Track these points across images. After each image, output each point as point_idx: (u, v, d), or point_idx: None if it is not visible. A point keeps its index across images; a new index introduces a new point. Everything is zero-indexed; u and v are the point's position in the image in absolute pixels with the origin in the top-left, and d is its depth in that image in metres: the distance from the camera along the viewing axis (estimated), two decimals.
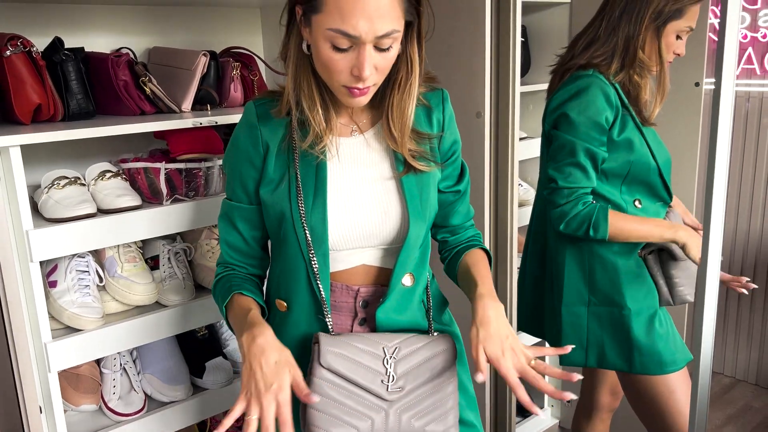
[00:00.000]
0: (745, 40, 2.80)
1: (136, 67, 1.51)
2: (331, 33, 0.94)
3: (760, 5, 2.74)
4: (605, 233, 1.52)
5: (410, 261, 1.10)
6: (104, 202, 1.43)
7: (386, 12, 0.93)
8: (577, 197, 1.53)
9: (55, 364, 1.33)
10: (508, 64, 1.80)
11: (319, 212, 1.05)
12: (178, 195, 1.51)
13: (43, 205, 1.40)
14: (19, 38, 1.34)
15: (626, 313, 1.60)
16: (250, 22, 1.92)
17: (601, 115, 1.51)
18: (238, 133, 1.11)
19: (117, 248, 1.50)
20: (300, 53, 1.02)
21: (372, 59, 0.95)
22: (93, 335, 1.39)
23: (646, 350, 1.60)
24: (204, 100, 1.60)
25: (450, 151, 1.17)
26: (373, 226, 1.08)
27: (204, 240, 1.64)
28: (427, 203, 1.11)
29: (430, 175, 1.12)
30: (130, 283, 1.48)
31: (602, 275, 1.62)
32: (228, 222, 1.15)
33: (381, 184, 1.09)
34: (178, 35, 1.78)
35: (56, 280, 1.43)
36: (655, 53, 1.56)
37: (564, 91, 1.57)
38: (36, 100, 1.36)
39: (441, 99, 1.15)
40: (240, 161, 1.11)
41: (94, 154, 1.61)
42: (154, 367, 1.57)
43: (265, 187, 1.09)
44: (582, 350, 1.66)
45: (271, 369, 0.94)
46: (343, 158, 1.09)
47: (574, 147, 1.52)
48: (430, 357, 1.07)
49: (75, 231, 1.34)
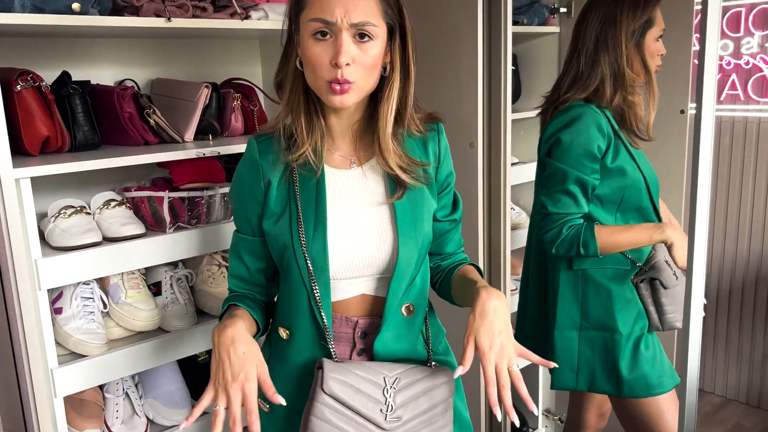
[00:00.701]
0: (729, 66, 2.88)
1: (140, 99, 1.56)
2: (311, 24, 1.01)
3: (742, 33, 2.82)
4: (596, 249, 1.57)
5: (405, 289, 1.13)
6: (109, 230, 1.47)
7: (361, 4, 1.00)
8: (564, 222, 1.58)
9: (61, 390, 1.36)
10: (499, 94, 1.86)
11: (320, 242, 1.09)
12: (181, 223, 1.55)
13: (50, 233, 1.44)
14: (29, 73, 1.39)
15: (617, 337, 1.64)
16: (250, 53, 1.98)
17: (593, 143, 1.57)
18: (241, 169, 1.16)
19: (121, 275, 1.54)
20: (295, 70, 1.08)
21: (349, 49, 1.01)
22: (98, 361, 1.42)
23: (634, 374, 1.64)
24: (206, 131, 1.65)
25: (445, 183, 1.21)
26: (371, 254, 1.12)
27: (205, 266, 1.68)
28: (420, 228, 1.14)
29: (423, 202, 1.15)
30: (133, 309, 1.51)
31: (595, 300, 1.66)
32: (235, 253, 1.20)
33: (377, 212, 1.13)
34: (180, 67, 1.83)
35: (62, 306, 1.46)
36: (641, 66, 1.63)
37: (558, 121, 1.63)
38: (45, 133, 1.41)
39: (437, 131, 1.19)
40: (243, 195, 1.15)
41: (100, 183, 1.65)
42: (156, 392, 1.60)
43: (268, 220, 1.13)
44: (573, 374, 1.70)
45: (239, 359, 0.98)
46: (342, 189, 1.13)
47: (565, 175, 1.58)
48: (429, 389, 1.10)
49: (81, 259, 1.38)
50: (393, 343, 1.14)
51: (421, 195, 1.16)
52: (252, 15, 1.61)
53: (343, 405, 1.06)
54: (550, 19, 2.33)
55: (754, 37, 2.79)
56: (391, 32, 1.07)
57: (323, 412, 1.05)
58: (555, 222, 1.59)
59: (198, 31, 1.61)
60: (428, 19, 1.80)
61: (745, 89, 2.85)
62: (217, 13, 1.56)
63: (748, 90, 2.84)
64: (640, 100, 1.64)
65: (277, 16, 1.63)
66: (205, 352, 1.71)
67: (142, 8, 1.42)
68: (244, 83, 1.84)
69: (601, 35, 1.62)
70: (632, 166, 1.63)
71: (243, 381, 0.97)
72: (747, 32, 2.81)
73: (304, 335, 1.13)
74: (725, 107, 2.93)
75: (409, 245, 1.12)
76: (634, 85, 1.64)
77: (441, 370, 1.13)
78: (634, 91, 1.64)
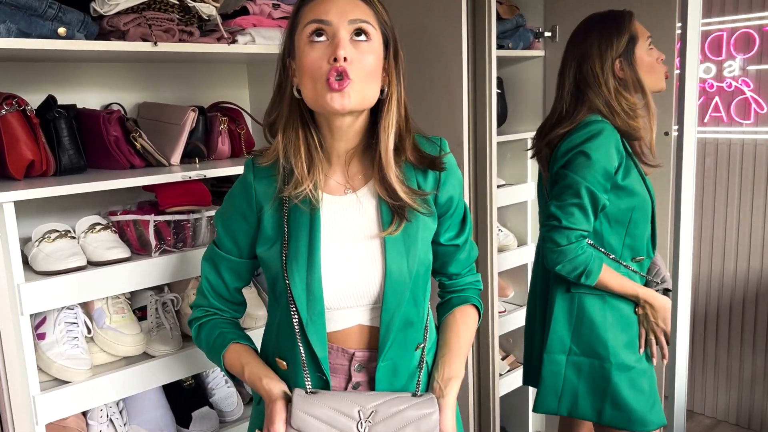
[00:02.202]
0: (711, 89, 2.93)
1: (126, 123, 1.56)
2: (308, 27, 1.01)
3: (724, 56, 2.87)
4: (594, 281, 1.58)
5: (400, 320, 1.09)
6: (94, 254, 1.46)
7: (355, 6, 1.01)
8: (577, 240, 1.57)
9: (43, 417, 1.34)
10: (485, 117, 1.88)
11: (314, 270, 1.06)
12: (167, 246, 1.54)
13: (33, 258, 1.43)
14: (14, 98, 1.39)
15: (608, 366, 1.63)
16: (237, 77, 1.99)
17: (610, 160, 1.56)
18: (235, 189, 1.15)
19: (106, 299, 1.53)
20: (292, 100, 1.06)
21: (347, 46, 0.99)
22: (81, 387, 1.40)
23: (620, 405, 1.63)
24: (192, 154, 1.65)
25: (446, 205, 1.16)
26: (364, 283, 1.08)
27: (191, 290, 1.67)
28: (413, 248, 1.09)
29: (417, 230, 1.11)
30: (118, 334, 1.50)
31: (588, 327, 1.65)
32: (213, 267, 1.19)
33: (369, 241, 1.09)
34: (168, 91, 1.84)
35: (45, 332, 1.44)
36: (636, 84, 1.63)
37: (580, 134, 1.59)
38: (29, 157, 1.40)
39: (439, 148, 1.14)
40: (234, 215, 1.14)
41: (85, 207, 1.64)
42: (141, 418, 1.58)
43: (262, 246, 1.12)
44: (556, 398, 1.70)
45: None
46: (336, 215, 1.10)
47: (579, 188, 1.56)
48: (415, 419, 1.04)
49: (65, 284, 1.36)
50: (392, 375, 1.11)
51: (415, 223, 1.11)
52: (239, 39, 1.62)
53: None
54: (534, 43, 2.37)
55: (736, 60, 2.84)
56: (386, 46, 1.06)
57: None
58: (567, 237, 1.57)
59: (185, 56, 1.62)
60: (414, 44, 1.82)
61: (728, 111, 2.89)
62: (204, 38, 1.57)
63: (731, 112, 2.88)
64: (643, 123, 1.63)
65: (263, 41, 1.64)
66: (191, 377, 1.69)
67: (129, 33, 1.43)
68: (232, 107, 1.84)
69: (580, 73, 1.65)
70: (641, 185, 1.63)
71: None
72: (729, 55, 2.86)
73: (297, 366, 1.10)
74: (708, 129, 2.96)
75: (400, 267, 1.08)
76: (634, 110, 1.63)
77: (428, 399, 1.07)
78: (636, 115, 1.63)
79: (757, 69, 2.80)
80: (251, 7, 1.68)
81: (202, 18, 1.56)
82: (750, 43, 2.80)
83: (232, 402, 1.71)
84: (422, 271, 1.12)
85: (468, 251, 1.24)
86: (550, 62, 2.37)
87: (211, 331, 1.18)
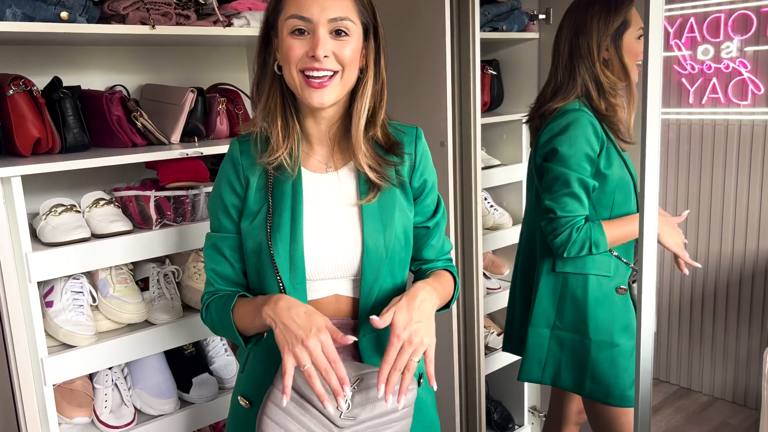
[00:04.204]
0: (709, 71, 2.95)
1: (128, 103, 1.64)
2: (289, 21, 1.06)
3: (722, 38, 2.89)
4: (606, 245, 1.62)
5: (378, 291, 1.15)
6: (98, 227, 1.55)
7: (337, 2, 1.06)
8: (572, 225, 1.62)
9: (50, 378, 1.43)
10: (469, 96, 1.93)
11: (297, 242, 1.13)
12: (167, 221, 1.63)
13: (41, 230, 1.52)
14: (21, 78, 1.47)
15: (587, 342, 1.69)
16: (237, 60, 2.06)
17: (590, 146, 1.61)
18: (224, 165, 1.21)
19: (109, 270, 1.62)
20: (273, 75, 1.13)
21: (327, 42, 1.06)
22: (86, 351, 1.49)
23: (599, 379, 1.69)
24: (192, 133, 1.73)
25: (420, 188, 1.22)
26: (344, 256, 1.14)
27: (191, 263, 1.75)
28: (390, 230, 1.16)
29: (393, 204, 1.17)
30: (121, 302, 1.58)
31: (571, 303, 1.71)
32: (216, 252, 1.20)
33: (348, 215, 1.16)
34: (169, 73, 1.92)
35: (52, 300, 1.54)
36: (620, 68, 1.67)
37: (554, 125, 1.66)
38: (36, 135, 1.49)
39: (415, 136, 1.22)
40: (226, 192, 1.18)
41: (89, 184, 1.73)
42: (143, 383, 1.67)
43: (246, 220, 1.17)
44: (539, 368, 1.76)
45: (302, 318, 1.01)
46: (317, 192, 1.17)
47: (568, 178, 1.61)
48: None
49: (71, 254, 1.45)
50: (376, 347, 1.17)
51: (392, 197, 1.17)
52: (234, 22, 1.69)
53: (301, 396, 1.07)
54: (529, 26, 2.41)
55: (733, 41, 2.86)
56: (365, 33, 1.12)
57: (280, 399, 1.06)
58: (564, 225, 1.62)
59: (183, 39, 1.69)
60: (399, 23, 1.87)
61: (726, 93, 2.92)
62: (201, 21, 1.64)
63: (729, 93, 2.91)
64: (621, 103, 1.68)
65: (258, 24, 1.71)
66: (192, 345, 1.78)
67: (128, 17, 1.50)
68: (230, 88, 1.92)
69: (575, 44, 1.67)
70: (622, 167, 1.67)
71: (316, 332, 0.99)
72: (726, 37, 2.88)
73: None
74: (707, 110, 2.99)
75: (376, 242, 1.15)
76: (615, 89, 1.68)
77: None
78: (616, 94, 1.68)
79: (754, 50, 2.82)
80: None
81: (199, 2, 1.63)
82: (747, 24, 2.82)
83: (231, 369, 1.79)
84: (398, 248, 1.18)
85: (441, 239, 1.30)
86: (544, 44, 2.41)
87: (219, 300, 1.19)
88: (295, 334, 1.00)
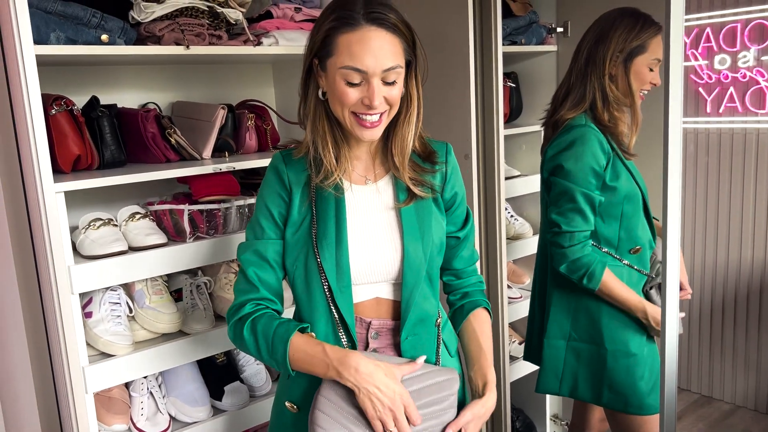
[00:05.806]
0: (726, 80, 2.98)
1: (162, 120, 1.70)
2: (344, 71, 1.12)
3: (739, 47, 2.92)
4: (595, 287, 1.66)
5: (418, 293, 1.23)
6: (134, 240, 1.60)
7: (389, 50, 1.12)
8: (580, 241, 1.66)
9: (92, 386, 1.48)
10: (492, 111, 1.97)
11: (343, 249, 1.19)
12: (200, 233, 1.68)
13: (80, 243, 1.58)
14: (62, 99, 1.54)
15: (603, 352, 1.72)
16: (263, 76, 2.12)
17: (596, 161, 1.65)
18: (267, 176, 1.26)
19: (145, 282, 1.67)
20: (317, 101, 1.19)
21: (380, 91, 1.13)
22: (125, 360, 1.54)
23: (617, 389, 1.71)
24: (222, 148, 1.79)
25: (451, 201, 1.30)
26: (386, 261, 1.22)
27: (222, 273, 1.80)
28: (427, 235, 1.23)
29: (429, 212, 1.25)
30: (156, 313, 1.64)
31: (585, 315, 1.74)
32: (259, 257, 1.23)
33: (388, 222, 1.24)
34: (199, 90, 1.98)
35: (92, 311, 1.59)
36: (626, 87, 1.71)
37: (560, 141, 1.70)
38: (76, 152, 1.55)
39: (445, 151, 1.30)
40: (271, 201, 1.24)
41: (125, 198, 1.79)
42: (177, 391, 1.72)
43: (290, 228, 1.23)
44: (557, 380, 1.79)
45: (384, 384, 1.12)
46: (359, 203, 1.24)
47: (574, 193, 1.66)
48: (432, 384, 1.19)
49: (110, 266, 1.51)
50: (418, 348, 1.24)
51: (428, 207, 1.26)
52: (264, 41, 1.74)
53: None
54: (547, 39, 2.45)
55: (750, 51, 2.89)
56: (407, 66, 1.18)
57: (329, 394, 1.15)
58: (569, 240, 1.66)
59: (214, 57, 1.75)
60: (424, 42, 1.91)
61: (743, 102, 2.94)
62: (232, 41, 1.70)
63: (746, 102, 2.93)
64: (623, 118, 1.72)
65: (286, 42, 1.77)
66: (223, 354, 1.83)
67: (164, 38, 1.56)
68: (258, 104, 1.97)
69: (593, 51, 1.71)
70: (629, 179, 1.70)
71: (399, 398, 1.12)
72: (743, 46, 2.91)
73: (330, 330, 1.21)
74: (724, 119, 3.01)
75: (415, 249, 1.22)
76: (619, 104, 1.71)
77: (450, 369, 1.23)
78: (620, 108, 1.71)
79: None
80: (275, 11, 1.80)
81: (230, 22, 1.69)
82: (764, 33, 2.84)
83: (261, 378, 1.84)
84: (434, 254, 1.26)
85: (470, 249, 1.37)
86: (562, 57, 2.45)
87: (268, 320, 1.19)
88: (381, 401, 1.12)
